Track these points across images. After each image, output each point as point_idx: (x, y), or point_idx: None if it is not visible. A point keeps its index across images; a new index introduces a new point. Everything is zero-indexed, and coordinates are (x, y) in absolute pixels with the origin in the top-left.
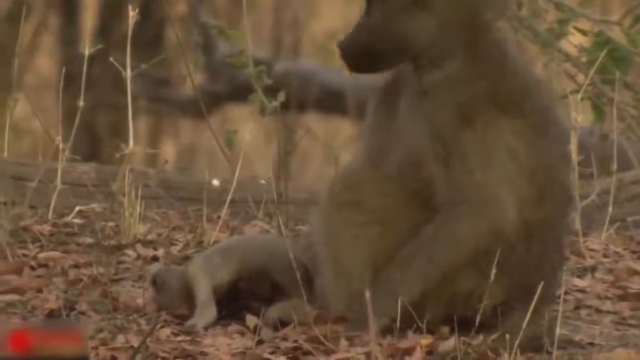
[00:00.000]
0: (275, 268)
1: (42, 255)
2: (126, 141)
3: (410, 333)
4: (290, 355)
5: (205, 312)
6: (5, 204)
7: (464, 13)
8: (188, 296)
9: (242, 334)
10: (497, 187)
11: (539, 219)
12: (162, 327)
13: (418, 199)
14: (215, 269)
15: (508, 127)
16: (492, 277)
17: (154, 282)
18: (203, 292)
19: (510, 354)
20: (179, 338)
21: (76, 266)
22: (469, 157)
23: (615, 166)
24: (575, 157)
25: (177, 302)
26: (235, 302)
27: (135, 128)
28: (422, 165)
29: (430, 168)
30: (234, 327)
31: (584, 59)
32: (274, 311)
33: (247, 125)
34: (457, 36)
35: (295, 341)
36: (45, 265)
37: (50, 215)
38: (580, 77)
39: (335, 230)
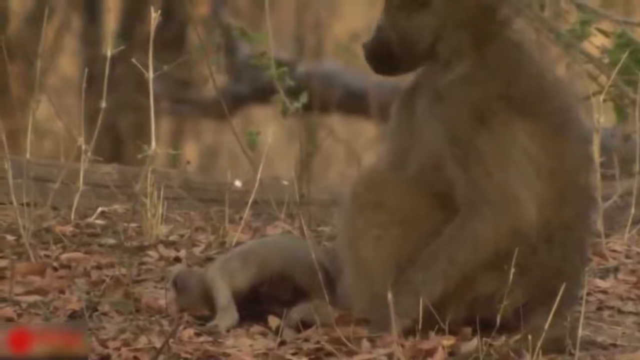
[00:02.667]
0: (297, 271)
1: (64, 256)
2: (148, 142)
3: (432, 334)
4: (312, 356)
5: (226, 315)
6: (27, 204)
7: (466, 12)
8: (209, 299)
9: (264, 335)
10: (517, 187)
11: (560, 221)
12: (184, 327)
13: (440, 200)
14: (234, 273)
15: (522, 128)
16: (513, 279)
17: (175, 284)
18: (223, 297)
19: (532, 355)
20: (201, 339)
21: (98, 267)
22: (486, 158)
23: (637, 167)
24: (597, 158)
25: (198, 304)
26: (257, 305)
27: (158, 129)
28: (441, 166)
29: (448, 169)
30: (256, 328)
31: (606, 60)
32: (296, 312)
33: (269, 126)
34: (465, 36)
35: (318, 342)
36: (68, 266)
37: (72, 216)
38: (603, 79)
39: (357, 231)
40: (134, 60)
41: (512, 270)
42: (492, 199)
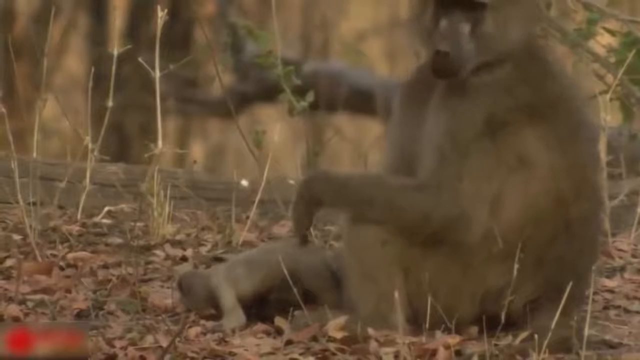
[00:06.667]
0: (305, 275)
1: (71, 255)
2: (155, 141)
3: (438, 333)
4: (319, 356)
5: (233, 316)
6: (34, 204)
7: (525, 13)
8: (214, 302)
9: (271, 334)
10: (473, 205)
11: (578, 214)
12: (190, 327)
13: None
14: (238, 279)
15: (536, 136)
16: (527, 271)
17: (180, 287)
18: (228, 300)
19: (539, 354)
20: (208, 338)
21: (105, 266)
22: (468, 165)
23: None
24: (604, 157)
25: (203, 306)
26: (266, 310)
27: (164, 128)
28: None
29: (426, 157)
30: (263, 327)
31: (612, 59)
32: (303, 318)
33: (275, 125)
34: (520, 39)
35: (326, 342)
36: (74, 266)
37: (79, 215)
38: (609, 78)
39: (363, 235)
40: (140, 59)
41: (525, 263)
42: (444, 196)
